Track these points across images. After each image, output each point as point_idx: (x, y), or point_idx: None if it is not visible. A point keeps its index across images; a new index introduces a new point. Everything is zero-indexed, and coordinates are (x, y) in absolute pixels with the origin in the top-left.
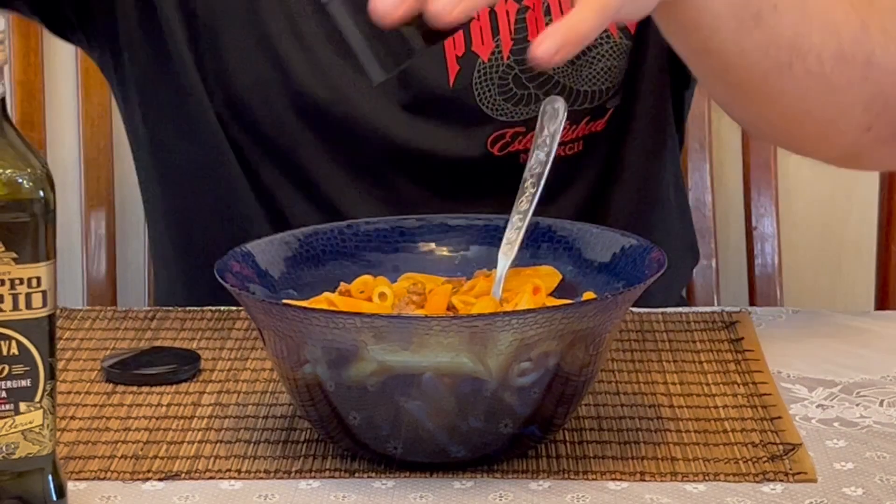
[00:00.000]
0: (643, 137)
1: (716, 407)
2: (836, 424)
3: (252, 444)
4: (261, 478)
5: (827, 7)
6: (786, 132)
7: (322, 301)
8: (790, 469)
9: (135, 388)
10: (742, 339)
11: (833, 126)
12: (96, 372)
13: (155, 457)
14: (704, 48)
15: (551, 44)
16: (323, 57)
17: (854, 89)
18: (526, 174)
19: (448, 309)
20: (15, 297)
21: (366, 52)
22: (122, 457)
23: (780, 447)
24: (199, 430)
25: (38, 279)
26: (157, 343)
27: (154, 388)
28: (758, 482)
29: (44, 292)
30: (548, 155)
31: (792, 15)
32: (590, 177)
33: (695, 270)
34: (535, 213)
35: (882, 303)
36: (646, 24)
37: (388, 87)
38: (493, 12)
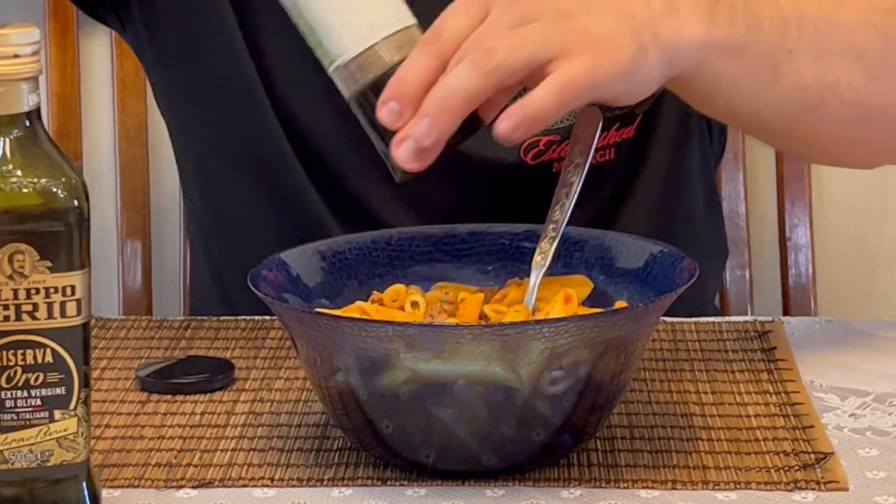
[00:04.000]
0: (669, 140)
1: (748, 416)
2: (868, 433)
3: (285, 453)
4: (293, 486)
5: (845, 33)
6: (837, 160)
7: (354, 310)
8: (822, 478)
9: (169, 397)
10: (775, 348)
11: (882, 144)
12: (131, 381)
13: (189, 464)
14: (729, 111)
15: (509, 123)
16: None
17: (894, 104)
18: (560, 184)
19: (480, 318)
20: (50, 306)
21: (384, 154)
22: (156, 464)
23: (812, 456)
24: (232, 438)
25: (73, 288)
26: (192, 352)
27: (188, 397)
28: (789, 491)
29: (78, 301)
30: (583, 165)
31: (809, 54)
32: (615, 181)
33: (728, 280)
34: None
35: None
36: None
37: None
38: None
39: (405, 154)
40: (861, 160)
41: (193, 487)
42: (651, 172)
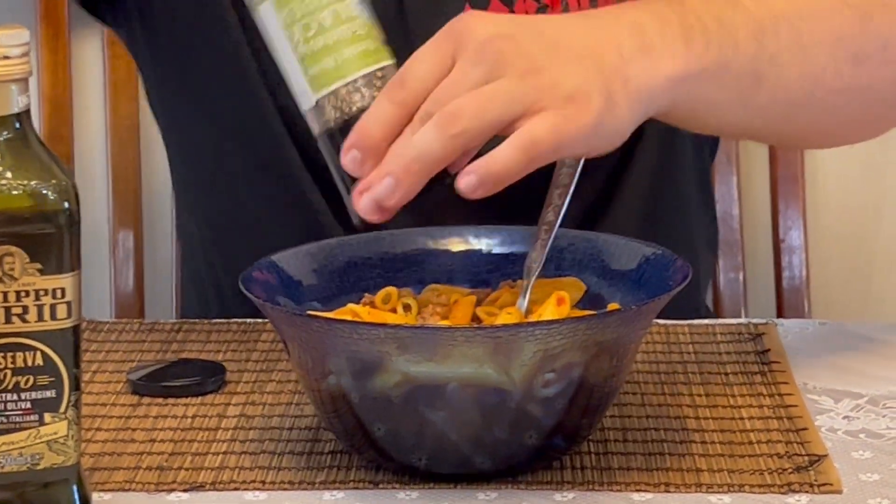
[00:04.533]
0: (659, 134)
1: (741, 418)
2: (862, 436)
3: (277, 456)
4: (285, 489)
5: (821, 21)
6: (834, 141)
7: (346, 312)
8: (816, 480)
9: (160, 400)
10: (768, 350)
11: (876, 117)
12: (122, 383)
13: (180, 468)
14: (720, 127)
15: (471, 180)
16: None
17: (883, 77)
18: (552, 185)
19: (472, 320)
20: (40, 308)
21: (345, 197)
22: (147, 468)
23: (806, 458)
24: (223, 441)
25: (63, 290)
26: (183, 355)
27: (179, 400)
28: (783, 493)
29: (68, 303)
30: (575, 167)
31: (791, 52)
32: (605, 175)
33: (722, 283)
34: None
35: None
36: None
37: None
38: (512, 13)
39: (365, 206)
40: (858, 137)
41: (184, 491)
42: (641, 166)
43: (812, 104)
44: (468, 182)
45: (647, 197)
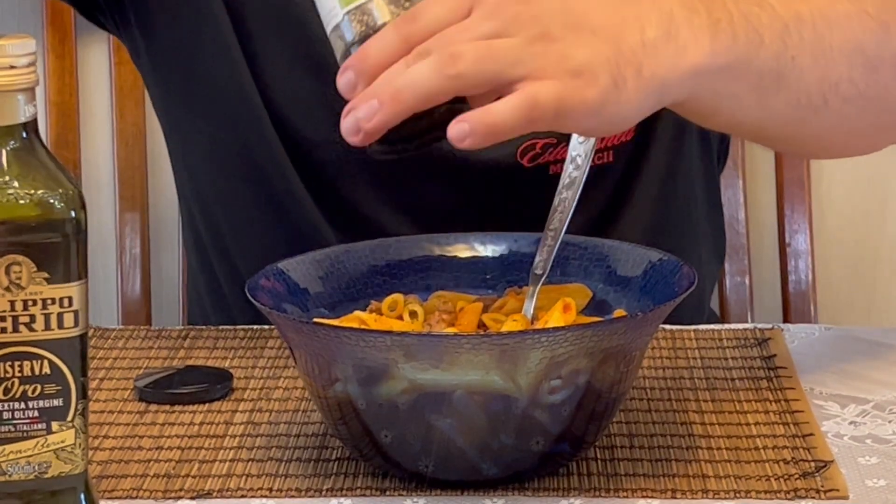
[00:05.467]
0: (668, 143)
1: (747, 424)
2: (868, 441)
3: (283, 463)
4: (292, 496)
5: (842, 28)
6: (840, 152)
7: (353, 319)
8: (822, 486)
9: (167, 407)
10: (774, 356)
11: (885, 130)
12: (129, 391)
13: (187, 475)
14: (730, 126)
15: (463, 127)
16: None
17: (893, 91)
18: (558, 191)
19: (479, 327)
20: (47, 317)
21: None
22: (154, 475)
23: (812, 464)
24: (230, 448)
25: (70, 299)
26: (190, 362)
27: (186, 407)
28: (789, 499)
29: (75, 312)
30: (580, 173)
31: (812, 55)
32: (614, 183)
33: (728, 287)
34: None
35: None
36: None
37: None
38: None
39: (347, 126)
40: (863, 149)
41: (191, 498)
42: (649, 175)
43: (825, 111)
44: (459, 129)
45: (654, 207)
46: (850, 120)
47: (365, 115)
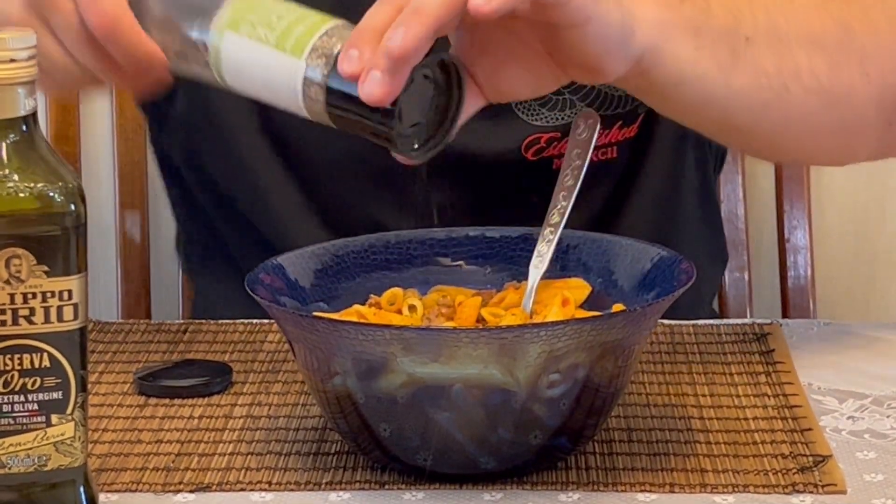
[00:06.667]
0: (670, 141)
1: (746, 419)
2: (866, 436)
3: (283, 457)
4: (291, 490)
5: (800, 20)
6: (808, 154)
7: (352, 313)
8: (820, 481)
9: (167, 401)
10: (773, 350)
11: (851, 133)
12: (129, 384)
13: (186, 469)
14: (699, 103)
15: None
16: None
17: (859, 92)
18: (557, 186)
19: (477, 321)
20: (46, 311)
21: (387, 134)
22: (153, 469)
23: (810, 459)
24: (230, 442)
25: (70, 292)
26: (190, 356)
27: (186, 401)
28: (787, 494)
29: (75, 305)
30: (580, 168)
31: (766, 42)
32: (616, 179)
33: (727, 283)
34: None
35: None
36: None
37: None
38: None
39: (370, 85)
40: (833, 153)
41: (191, 491)
42: (652, 172)
43: (788, 99)
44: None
45: (655, 205)
46: (815, 116)
47: (395, 42)
